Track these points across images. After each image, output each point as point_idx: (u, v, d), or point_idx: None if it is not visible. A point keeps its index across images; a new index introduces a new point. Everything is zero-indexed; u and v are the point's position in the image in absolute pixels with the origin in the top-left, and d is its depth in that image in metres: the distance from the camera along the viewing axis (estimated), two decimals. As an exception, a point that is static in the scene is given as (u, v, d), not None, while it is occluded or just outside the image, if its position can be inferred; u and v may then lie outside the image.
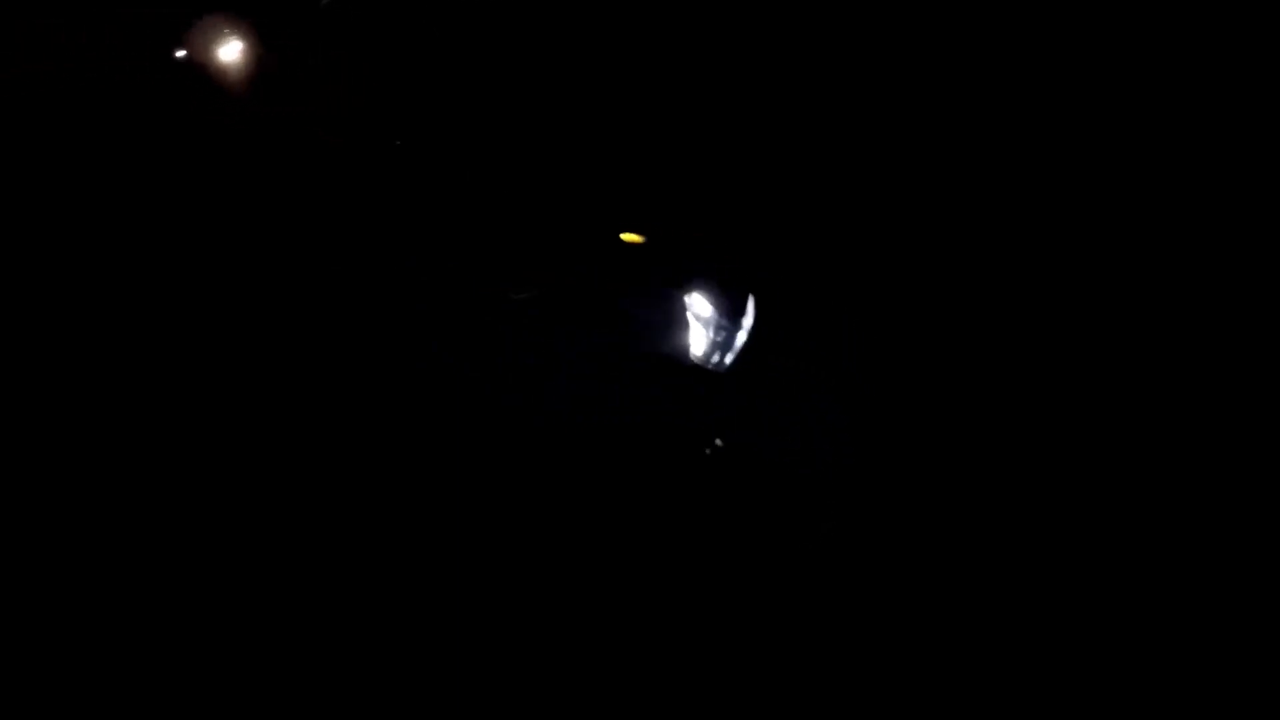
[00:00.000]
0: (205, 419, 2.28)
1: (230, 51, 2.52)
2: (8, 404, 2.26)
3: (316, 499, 2.25)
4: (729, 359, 2.41)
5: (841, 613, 2.38)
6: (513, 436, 2.30)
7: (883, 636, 2.36)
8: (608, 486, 2.32)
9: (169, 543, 2.19)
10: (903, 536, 2.52)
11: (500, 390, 2.32)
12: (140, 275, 2.37)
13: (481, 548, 2.25)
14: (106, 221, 2.40)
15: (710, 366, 2.40)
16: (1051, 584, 2.47)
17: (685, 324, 2.38)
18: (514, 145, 2.49)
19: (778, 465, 2.39)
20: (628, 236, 2.40)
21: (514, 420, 2.31)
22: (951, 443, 2.67)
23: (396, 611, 2.19)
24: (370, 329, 2.36)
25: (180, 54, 2.53)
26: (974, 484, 2.59)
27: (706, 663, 2.23)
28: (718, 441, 2.36)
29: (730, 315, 2.43)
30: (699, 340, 2.39)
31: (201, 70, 2.51)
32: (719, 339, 2.41)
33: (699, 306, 2.42)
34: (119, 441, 2.25)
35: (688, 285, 2.41)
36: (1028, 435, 2.65)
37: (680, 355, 2.37)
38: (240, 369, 2.31)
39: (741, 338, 2.41)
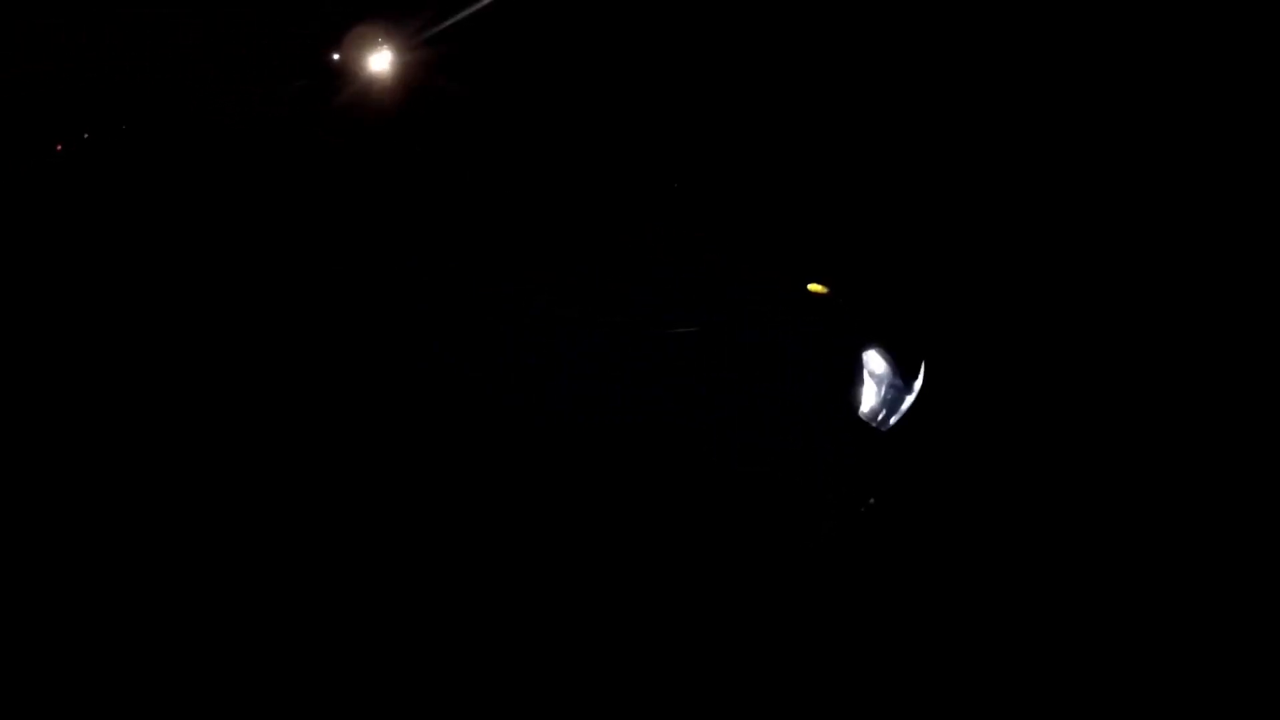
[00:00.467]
0: (208, 418, 2.30)
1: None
2: (12, 403, 2.29)
3: (321, 498, 2.28)
4: (894, 420, 2.42)
5: (842, 612, 2.41)
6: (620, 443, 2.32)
7: (883, 636, 2.39)
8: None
9: (171, 543, 2.22)
10: (903, 536, 2.54)
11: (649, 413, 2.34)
12: (143, 274, 2.38)
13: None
14: (107, 221, 2.43)
15: (875, 424, 2.42)
16: (1051, 583, 2.48)
17: (860, 379, 2.40)
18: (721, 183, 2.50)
19: (779, 465, 2.40)
20: (814, 287, 2.41)
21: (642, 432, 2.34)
22: (951, 443, 2.67)
23: (409, 610, 2.23)
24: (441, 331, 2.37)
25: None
26: (973, 484, 2.59)
27: (709, 661, 2.26)
28: (871, 500, 2.39)
29: (903, 376, 2.44)
30: (869, 397, 2.41)
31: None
32: (888, 398, 2.43)
33: (874, 364, 2.43)
34: (121, 441, 2.27)
35: (867, 342, 2.43)
36: (1028, 436, 2.64)
37: (849, 409, 2.39)
38: (244, 367, 2.33)
39: (909, 400, 2.43)
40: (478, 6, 2.70)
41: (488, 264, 2.39)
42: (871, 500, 2.41)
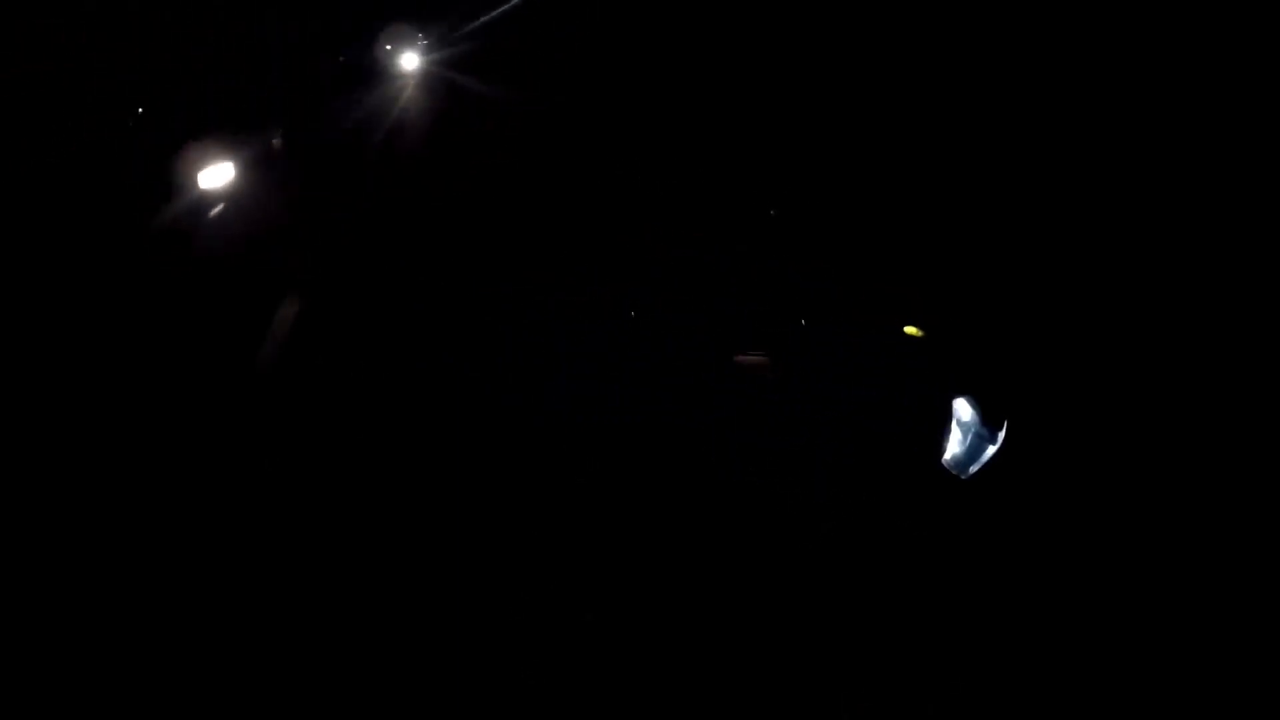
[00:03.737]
0: (211, 418, 2.37)
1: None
2: (19, 403, 2.36)
3: (320, 497, 2.35)
4: (974, 469, 2.50)
5: (841, 612, 2.45)
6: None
7: (882, 635, 2.42)
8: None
9: (172, 541, 2.29)
10: (902, 537, 2.54)
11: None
12: (142, 274, 2.45)
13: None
14: (107, 222, 2.50)
15: (953, 471, 2.51)
16: (1050, 584, 2.44)
17: (948, 427, 2.49)
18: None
19: (779, 466, 2.49)
20: (910, 330, 2.53)
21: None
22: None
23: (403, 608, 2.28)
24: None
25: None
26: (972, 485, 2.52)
27: (709, 659, 2.33)
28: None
29: (989, 426, 2.50)
30: (954, 444, 2.51)
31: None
32: (973, 446, 2.51)
33: (963, 411, 2.52)
34: (118, 440, 2.35)
35: (958, 388, 2.52)
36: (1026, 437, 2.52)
37: (934, 453, 2.50)
38: (246, 368, 2.43)
39: (990, 452, 2.49)
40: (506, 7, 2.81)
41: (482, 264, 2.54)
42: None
